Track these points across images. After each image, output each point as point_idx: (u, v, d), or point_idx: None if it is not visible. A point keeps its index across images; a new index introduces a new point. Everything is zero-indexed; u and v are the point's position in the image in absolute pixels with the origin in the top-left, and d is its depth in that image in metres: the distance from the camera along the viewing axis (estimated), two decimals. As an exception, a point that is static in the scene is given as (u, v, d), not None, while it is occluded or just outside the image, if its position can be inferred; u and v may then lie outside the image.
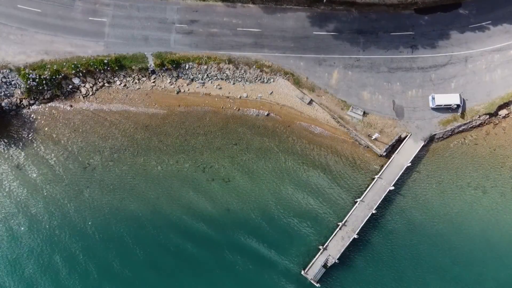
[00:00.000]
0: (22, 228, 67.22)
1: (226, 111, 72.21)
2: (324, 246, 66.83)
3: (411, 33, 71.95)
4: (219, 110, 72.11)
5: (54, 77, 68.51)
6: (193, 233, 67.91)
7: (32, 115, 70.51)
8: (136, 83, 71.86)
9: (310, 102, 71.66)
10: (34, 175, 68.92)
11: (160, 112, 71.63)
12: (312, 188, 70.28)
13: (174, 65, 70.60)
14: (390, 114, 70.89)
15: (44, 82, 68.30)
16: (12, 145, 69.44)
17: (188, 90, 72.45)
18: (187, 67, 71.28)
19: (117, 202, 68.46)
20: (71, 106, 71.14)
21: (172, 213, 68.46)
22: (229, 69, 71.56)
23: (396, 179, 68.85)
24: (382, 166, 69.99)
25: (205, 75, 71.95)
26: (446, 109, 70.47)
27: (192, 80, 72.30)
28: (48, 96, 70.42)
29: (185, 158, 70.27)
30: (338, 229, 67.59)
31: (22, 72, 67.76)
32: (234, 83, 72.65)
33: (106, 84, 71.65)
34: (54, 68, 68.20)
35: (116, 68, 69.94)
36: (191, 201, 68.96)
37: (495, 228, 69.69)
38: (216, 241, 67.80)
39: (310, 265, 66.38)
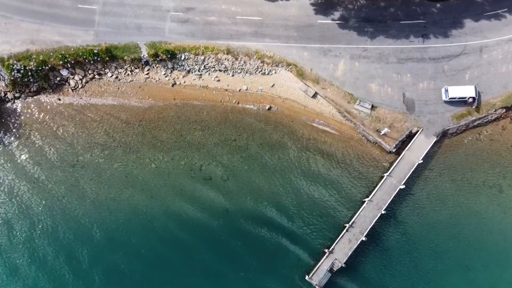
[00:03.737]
0: (2, 230, 64.60)
1: (225, 105, 69.33)
2: (330, 249, 64.48)
3: (422, 21, 68.90)
4: (217, 104, 69.30)
5: (40, 68, 65.69)
6: (189, 236, 65.34)
7: (17, 109, 67.67)
8: (128, 75, 69.06)
9: (315, 95, 68.65)
10: (18, 174, 66.00)
11: (154, 106, 68.76)
12: (316, 187, 67.46)
13: (169, 56, 67.41)
14: (400, 108, 68.10)
15: (29, 73, 65.51)
16: (-5, 141, 66.87)
17: (184, 82, 69.48)
18: (183, 58, 68.04)
19: (108, 202, 65.88)
20: (59, 99, 68.40)
21: (166, 214, 65.92)
22: (228, 60, 68.37)
23: (406, 177, 66.26)
24: (392, 163, 67.38)
25: (202, 66, 68.89)
26: (460, 102, 67.58)
27: (189, 71, 69.42)
28: (35, 88, 67.63)
29: (181, 155, 67.75)
30: (345, 231, 65.16)
31: (6, 63, 64.75)
32: (233, 75, 69.52)
33: (96, 76, 68.86)
34: (41, 59, 65.32)
35: (107, 58, 67.05)
36: (186, 201, 66.39)
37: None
38: (215, 244, 65.38)
39: (314, 269, 64.18)
